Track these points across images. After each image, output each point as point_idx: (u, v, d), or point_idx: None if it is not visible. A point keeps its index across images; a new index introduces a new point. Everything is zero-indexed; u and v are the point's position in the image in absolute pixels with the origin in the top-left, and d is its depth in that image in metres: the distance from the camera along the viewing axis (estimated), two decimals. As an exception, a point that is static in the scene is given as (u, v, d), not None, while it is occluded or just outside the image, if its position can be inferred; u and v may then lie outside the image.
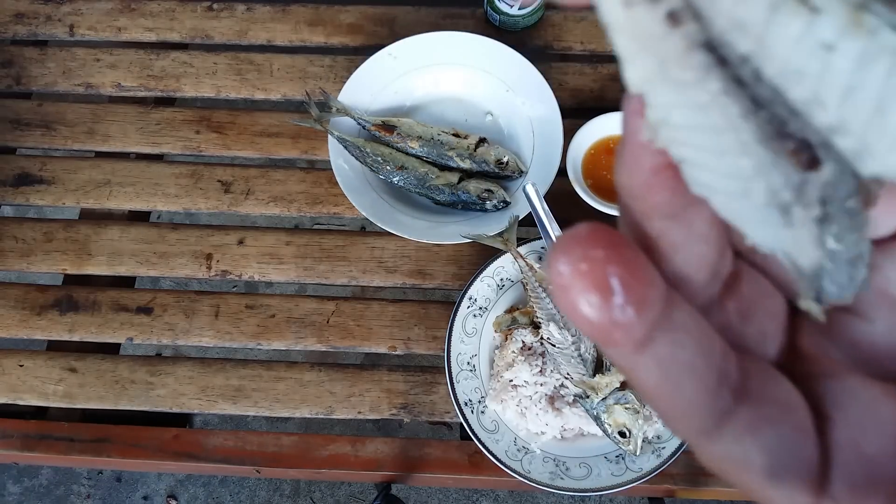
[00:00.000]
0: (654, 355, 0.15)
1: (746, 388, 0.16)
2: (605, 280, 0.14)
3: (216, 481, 1.39)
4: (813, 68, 0.12)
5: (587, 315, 0.14)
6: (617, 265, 0.14)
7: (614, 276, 0.14)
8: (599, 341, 0.15)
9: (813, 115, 0.13)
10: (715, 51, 0.13)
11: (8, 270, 0.77)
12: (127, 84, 0.84)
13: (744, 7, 0.12)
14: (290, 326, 0.73)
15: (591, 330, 0.14)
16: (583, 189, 0.72)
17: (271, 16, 0.87)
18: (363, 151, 0.75)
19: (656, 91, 0.14)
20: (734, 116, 0.14)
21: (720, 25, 0.13)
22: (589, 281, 0.14)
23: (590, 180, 0.74)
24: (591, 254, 0.14)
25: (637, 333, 0.14)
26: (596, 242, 0.14)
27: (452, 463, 0.68)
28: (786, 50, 0.12)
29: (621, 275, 0.14)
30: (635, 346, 0.14)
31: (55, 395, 0.71)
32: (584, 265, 0.14)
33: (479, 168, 0.75)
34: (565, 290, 0.14)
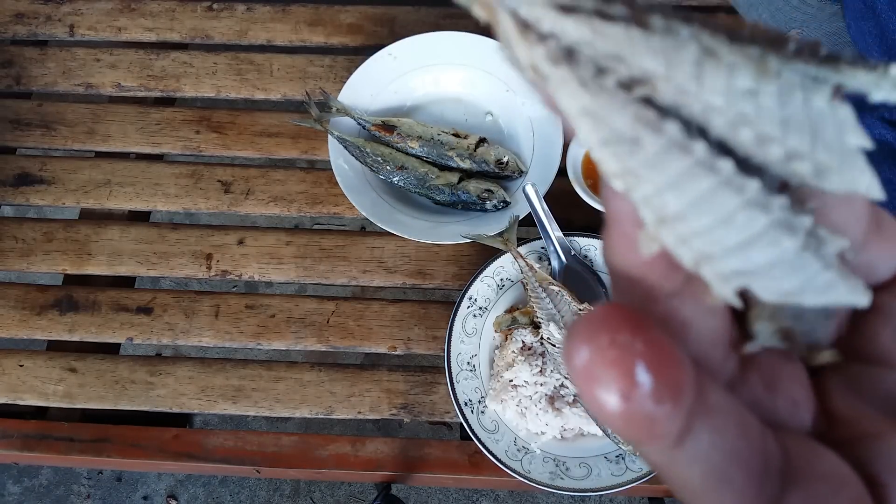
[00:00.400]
0: (695, 447, 0.13)
1: (792, 468, 0.14)
2: (633, 367, 0.12)
3: (216, 481, 1.39)
4: (750, 111, 0.14)
5: (616, 410, 0.12)
6: (645, 348, 0.12)
7: (643, 362, 0.12)
8: (632, 438, 0.13)
9: (768, 152, 0.14)
10: (680, 118, 0.14)
11: (8, 270, 0.77)
12: (127, 84, 0.84)
13: (677, 72, 0.14)
14: (290, 326, 0.73)
15: (622, 426, 0.12)
16: (583, 189, 0.72)
17: (271, 16, 0.87)
18: (363, 151, 0.75)
19: (640, 178, 0.14)
20: (731, 175, 0.14)
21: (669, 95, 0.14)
22: (616, 369, 0.12)
23: (590, 180, 0.74)
24: (615, 338, 0.12)
25: (675, 426, 0.12)
26: (618, 324, 0.12)
27: (452, 463, 0.68)
28: (721, 101, 0.14)
29: (651, 360, 0.12)
30: (674, 440, 0.13)
31: (55, 395, 0.71)
32: (608, 352, 0.12)
33: (479, 168, 0.75)
34: (589, 381, 0.12)
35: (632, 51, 0.14)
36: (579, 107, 0.14)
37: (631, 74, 0.14)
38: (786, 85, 0.14)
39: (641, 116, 0.14)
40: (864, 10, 0.63)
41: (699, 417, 0.13)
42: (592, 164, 0.75)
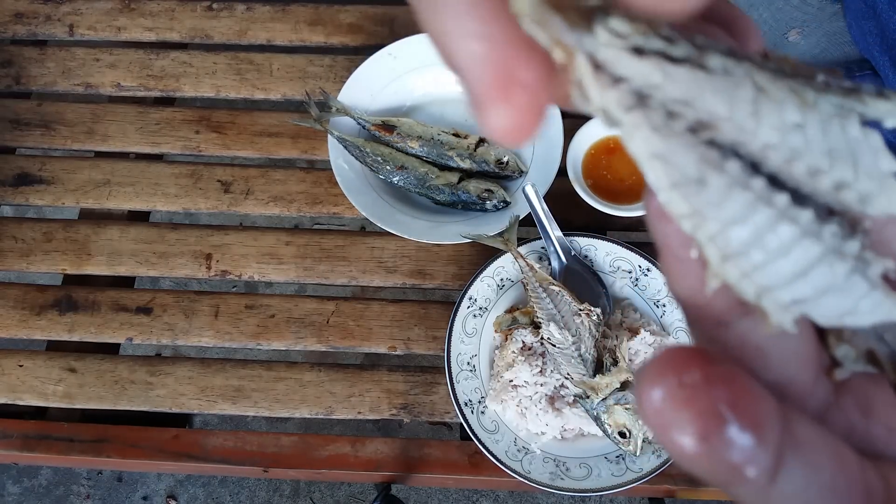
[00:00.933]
0: (788, 484, 0.12)
1: None
2: (713, 406, 0.11)
3: (216, 481, 1.39)
4: (800, 145, 0.15)
5: (696, 453, 0.11)
6: (721, 386, 0.11)
7: (721, 400, 0.11)
8: (719, 481, 0.12)
9: (818, 183, 0.15)
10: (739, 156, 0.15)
11: (7, 270, 0.77)
12: (126, 84, 0.84)
13: (738, 112, 0.15)
14: (289, 326, 0.73)
15: (705, 469, 0.11)
16: (583, 189, 0.72)
17: (271, 15, 0.87)
18: (363, 151, 0.74)
19: (706, 217, 0.15)
20: (787, 207, 0.15)
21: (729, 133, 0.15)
22: (689, 411, 0.11)
23: (590, 180, 0.74)
24: (687, 378, 0.11)
25: (763, 463, 0.12)
26: (689, 363, 0.12)
27: (452, 463, 0.68)
28: (776, 137, 0.15)
29: (726, 396, 0.11)
30: (765, 480, 0.12)
31: (55, 395, 0.71)
32: (679, 392, 0.11)
33: (479, 168, 0.75)
34: (662, 425, 0.11)
35: (698, 94, 0.15)
36: (651, 151, 0.15)
37: (698, 118, 0.15)
38: (825, 116, 0.15)
39: (707, 157, 0.15)
40: (865, 10, 0.63)
41: (789, 452, 0.12)
42: (592, 164, 0.75)
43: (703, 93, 0.15)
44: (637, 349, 0.65)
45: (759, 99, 0.15)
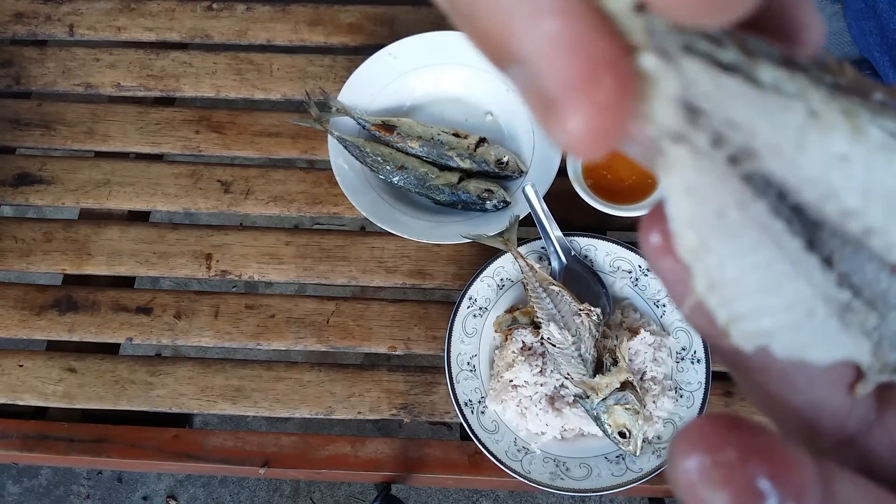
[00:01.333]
0: None
1: None
2: (751, 484, 0.11)
3: (216, 481, 1.39)
4: (837, 181, 0.13)
5: None
6: (758, 461, 0.11)
7: (759, 476, 0.11)
8: None
9: (848, 225, 0.14)
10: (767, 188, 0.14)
11: (7, 270, 0.77)
12: (126, 84, 0.84)
13: (782, 139, 0.13)
14: (289, 326, 0.73)
15: None
16: (583, 189, 0.72)
17: (271, 15, 0.87)
18: (363, 151, 0.74)
19: (709, 251, 0.14)
20: (790, 245, 0.14)
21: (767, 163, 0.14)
22: (730, 490, 0.11)
23: (590, 180, 0.74)
24: (722, 456, 0.11)
25: None
26: (724, 439, 0.11)
27: (452, 463, 0.68)
28: (817, 171, 0.13)
29: (767, 471, 0.11)
30: None
31: (55, 395, 0.71)
32: (718, 472, 0.11)
33: (479, 168, 0.75)
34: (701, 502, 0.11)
35: (745, 114, 0.13)
36: (686, 186, 0.14)
37: (743, 144, 0.13)
38: (872, 146, 0.14)
39: (738, 195, 0.14)
40: (865, 9, 0.63)
41: None
42: (592, 164, 0.75)
43: (752, 114, 0.13)
44: (637, 349, 0.65)
45: (807, 125, 0.13)
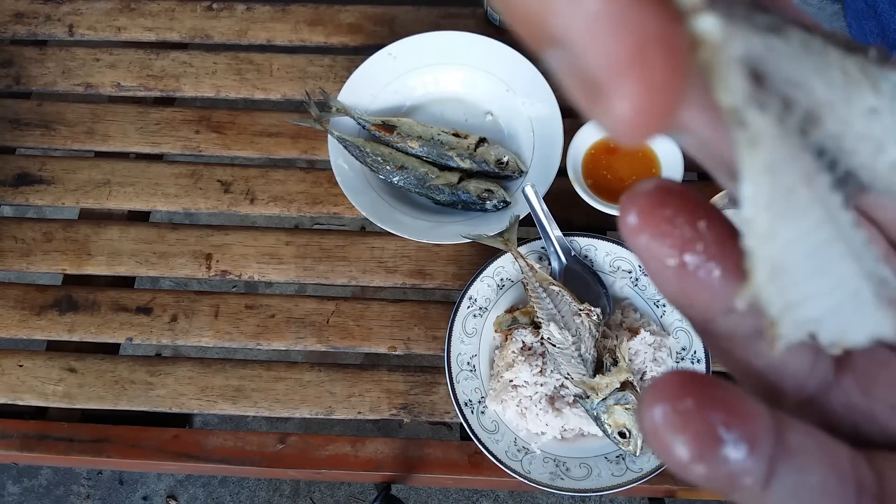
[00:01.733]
0: (781, 489, 0.13)
1: (889, 493, 0.14)
2: (708, 428, 0.13)
3: (216, 481, 1.39)
4: (880, 133, 0.13)
5: (695, 470, 0.13)
6: (715, 409, 0.13)
7: (716, 423, 0.13)
8: (720, 491, 0.14)
9: None
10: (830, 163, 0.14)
11: (7, 270, 0.77)
12: (126, 84, 0.84)
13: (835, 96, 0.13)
14: (289, 326, 0.73)
15: (703, 480, 0.13)
16: (583, 189, 0.72)
17: (271, 15, 0.87)
18: (363, 151, 0.74)
19: (778, 231, 0.13)
20: (843, 221, 0.14)
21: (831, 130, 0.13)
22: (688, 434, 0.13)
23: (590, 180, 0.74)
24: (680, 405, 0.13)
25: (757, 473, 0.13)
26: (684, 390, 0.13)
27: (452, 463, 0.68)
28: (865, 127, 0.13)
29: (723, 418, 0.13)
30: (759, 487, 0.13)
31: (55, 395, 0.71)
32: (677, 417, 0.13)
33: (479, 168, 0.75)
34: (667, 447, 0.13)
35: (800, 72, 0.13)
36: (765, 162, 0.13)
37: (808, 107, 0.13)
38: (889, 98, 0.13)
39: (808, 167, 0.13)
40: (866, 9, 0.63)
41: (782, 460, 0.13)
42: (592, 164, 0.75)
43: (806, 73, 0.12)
44: (637, 349, 0.65)
45: (846, 83, 0.13)
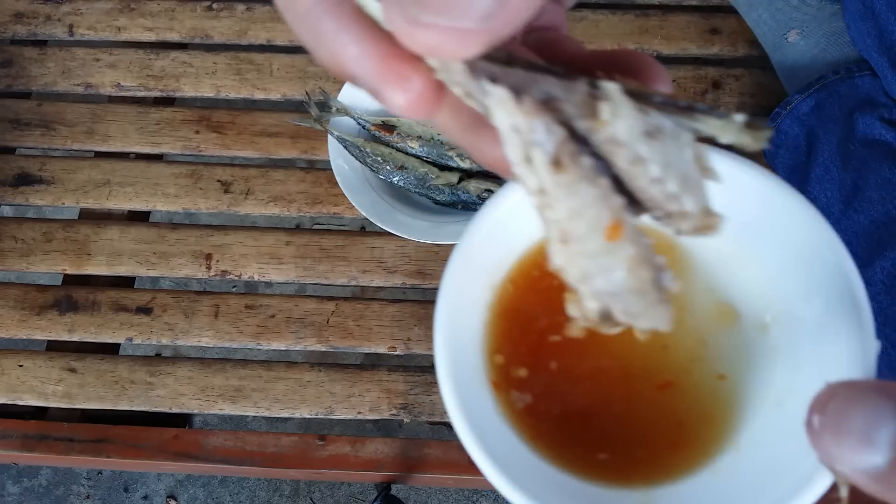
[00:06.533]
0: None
1: None
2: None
3: (216, 481, 1.39)
4: (644, 152, 0.18)
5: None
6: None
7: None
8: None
9: (655, 191, 0.18)
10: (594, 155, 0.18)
11: (7, 270, 0.77)
12: (126, 84, 0.84)
13: None
14: (289, 326, 0.73)
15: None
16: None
17: (271, 15, 0.87)
18: (363, 151, 0.75)
19: (556, 197, 0.18)
20: (619, 210, 0.18)
21: None
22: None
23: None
24: None
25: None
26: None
27: (452, 463, 0.68)
28: (623, 135, 0.17)
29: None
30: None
31: (55, 395, 0.71)
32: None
33: (479, 168, 0.75)
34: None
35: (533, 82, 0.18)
36: (510, 124, 0.17)
37: (544, 94, 0.17)
38: (667, 135, 0.18)
39: (565, 146, 0.17)
40: (864, 10, 0.63)
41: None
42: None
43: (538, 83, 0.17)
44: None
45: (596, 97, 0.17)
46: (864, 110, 0.63)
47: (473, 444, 0.26)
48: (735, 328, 0.31)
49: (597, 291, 0.18)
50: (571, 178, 0.17)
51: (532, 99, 0.16)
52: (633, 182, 0.18)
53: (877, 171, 0.60)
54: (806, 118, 0.67)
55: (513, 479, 0.25)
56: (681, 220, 0.18)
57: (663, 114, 0.17)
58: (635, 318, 0.19)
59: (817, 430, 0.18)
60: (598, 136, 0.17)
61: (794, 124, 0.68)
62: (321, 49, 0.20)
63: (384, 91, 0.19)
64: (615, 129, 0.17)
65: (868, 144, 0.61)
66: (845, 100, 0.65)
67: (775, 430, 0.29)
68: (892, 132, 0.62)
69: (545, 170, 0.17)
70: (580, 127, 0.17)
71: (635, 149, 0.17)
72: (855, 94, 0.65)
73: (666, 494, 0.28)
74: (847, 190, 0.61)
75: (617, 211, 0.17)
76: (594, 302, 0.19)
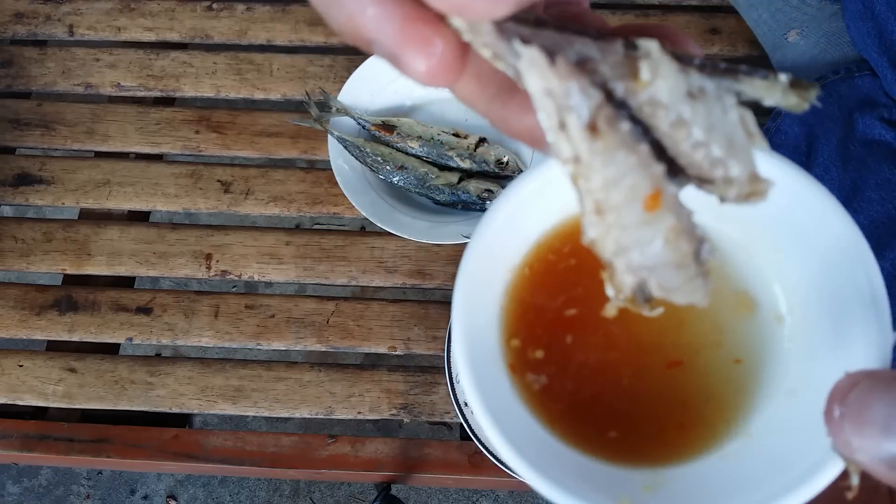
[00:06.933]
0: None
1: None
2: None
3: (216, 481, 1.39)
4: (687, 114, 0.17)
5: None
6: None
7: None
8: None
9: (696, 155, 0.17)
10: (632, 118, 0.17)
11: (7, 270, 0.77)
12: (126, 84, 0.84)
13: None
14: (289, 326, 0.73)
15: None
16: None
17: (271, 15, 0.87)
18: (363, 151, 0.75)
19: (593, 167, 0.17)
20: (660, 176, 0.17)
21: None
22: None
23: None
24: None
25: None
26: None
27: (452, 463, 0.68)
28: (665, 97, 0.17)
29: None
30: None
31: (55, 395, 0.71)
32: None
33: (479, 168, 0.75)
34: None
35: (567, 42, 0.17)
36: (544, 87, 0.16)
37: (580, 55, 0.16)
38: (709, 98, 0.17)
39: (602, 110, 0.16)
40: (863, 10, 0.63)
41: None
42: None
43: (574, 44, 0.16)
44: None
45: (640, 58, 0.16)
46: (863, 110, 0.63)
47: (492, 427, 0.26)
48: (752, 316, 0.31)
49: (633, 265, 0.17)
50: (609, 144, 0.16)
51: (566, 60, 0.15)
52: (675, 147, 0.16)
53: (876, 171, 0.60)
54: (806, 118, 0.67)
55: (532, 462, 0.25)
56: (726, 186, 0.17)
57: (704, 75, 0.16)
58: (672, 292, 0.18)
59: (837, 420, 0.18)
60: (636, 99, 0.16)
61: (794, 124, 0.68)
62: (336, 11, 0.18)
63: (404, 55, 0.18)
64: (656, 89, 0.16)
65: (868, 144, 0.62)
66: (845, 100, 0.65)
67: (787, 419, 0.29)
68: (892, 132, 0.62)
69: (580, 136, 0.16)
70: (618, 89, 0.16)
71: (678, 110, 0.16)
72: (855, 94, 0.65)
73: (673, 476, 0.28)
74: (846, 190, 0.61)
75: (657, 179, 0.16)
76: (630, 276, 0.18)
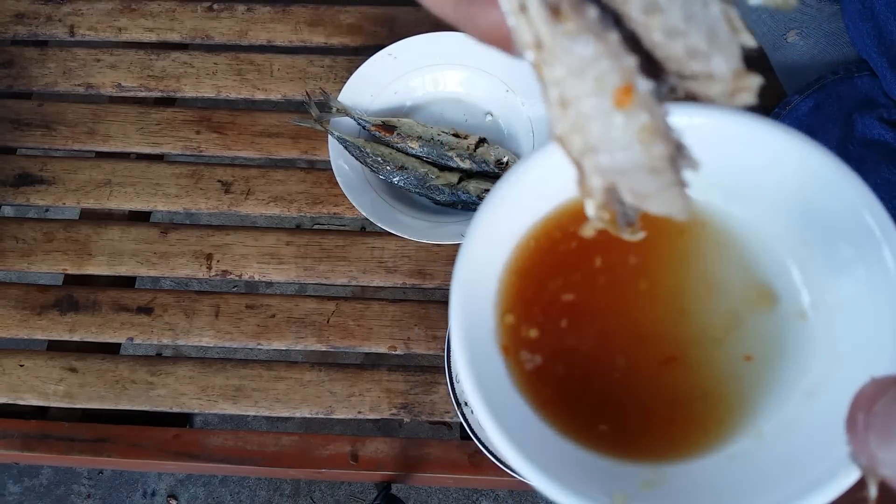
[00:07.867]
0: None
1: None
2: None
3: (216, 481, 1.39)
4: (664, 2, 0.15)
5: None
6: None
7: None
8: None
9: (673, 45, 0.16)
10: None
11: (8, 270, 0.77)
12: (127, 84, 0.84)
13: None
14: (290, 326, 0.73)
15: None
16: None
17: (271, 16, 0.87)
18: (363, 151, 0.75)
19: (555, 55, 0.15)
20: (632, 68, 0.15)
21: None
22: None
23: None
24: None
25: None
26: None
27: (452, 463, 0.68)
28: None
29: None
30: None
31: (55, 394, 0.72)
32: None
33: (479, 168, 0.75)
34: None
35: None
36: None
37: None
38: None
39: None
40: (863, 11, 0.63)
41: None
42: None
43: None
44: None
45: None
46: (863, 111, 0.63)
47: (486, 414, 0.25)
48: (771, 311, 0.30)
49: (602, 167, 0.16)
50: (572, 29, 0.14)
51: None
52: (649, 37, 0.15)
53: (876, 171, 0.60)
54: (805, 118, 0.67)
55: (525, 451, 0.25)
56: (708, 83, 0.16)
57: None
58: (646, 199, 0.16)
59: (861, 429, 0.17)
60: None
61: (794, 124, 0.68)
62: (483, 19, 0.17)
63: None
64: None
65: (867, 145, 0.62)
66: (844, 100, 0.65)
67: (803, 421, 0.28)
68: (892, 132, 0.62)
69: (542, 18, 0.14)
70: None
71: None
72: (854, 95, 0.65)
73: (675, 474, 0.27)
74: (846, 190, 0.61)
75: (628, 72, 0.15)
76: (599, 178, 0.16)
